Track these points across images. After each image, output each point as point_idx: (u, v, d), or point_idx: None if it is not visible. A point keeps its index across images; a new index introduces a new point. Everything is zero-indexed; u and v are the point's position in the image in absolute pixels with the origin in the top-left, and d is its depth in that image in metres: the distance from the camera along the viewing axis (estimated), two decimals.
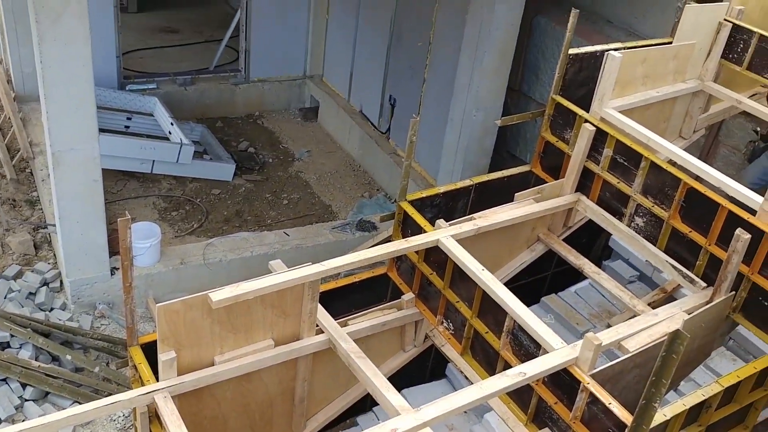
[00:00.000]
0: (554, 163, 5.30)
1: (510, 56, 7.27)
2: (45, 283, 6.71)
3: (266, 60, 10.38)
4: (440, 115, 8.01)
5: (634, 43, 5.38)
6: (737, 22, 5.34)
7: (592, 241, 6.30)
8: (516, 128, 8.07)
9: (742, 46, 5.34)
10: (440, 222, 4.57)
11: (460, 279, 4.40)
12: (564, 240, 5.32)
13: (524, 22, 7.44)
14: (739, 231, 3.87)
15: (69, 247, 6.31)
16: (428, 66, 8.39)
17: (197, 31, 11.94)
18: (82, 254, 6.37)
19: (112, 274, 6.62)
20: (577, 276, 5.40)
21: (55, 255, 7.08)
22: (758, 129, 6.01)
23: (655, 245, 4.60)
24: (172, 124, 8.64)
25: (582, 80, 5.24)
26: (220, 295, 3.42)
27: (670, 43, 5.29)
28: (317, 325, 3.99)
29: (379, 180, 9.26)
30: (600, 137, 4.87)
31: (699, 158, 6.30)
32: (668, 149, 4.69)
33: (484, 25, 7.06)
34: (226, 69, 10.45)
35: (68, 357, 5.95)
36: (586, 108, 5.05)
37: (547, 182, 5.23)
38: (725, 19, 5.38)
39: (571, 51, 5.08)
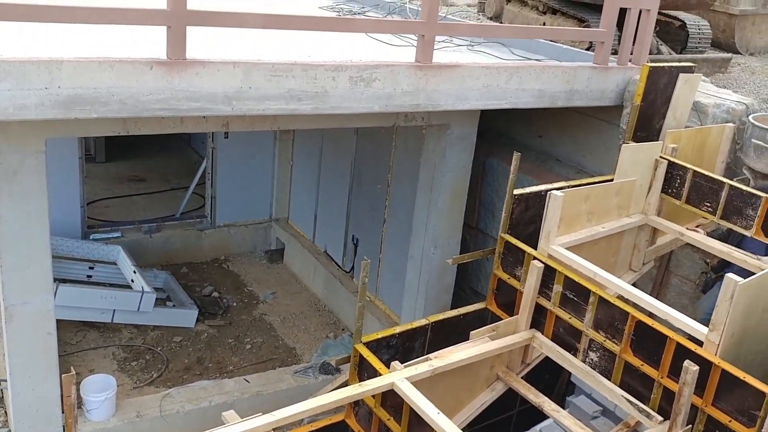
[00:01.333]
0: (508, 300, 5.35)
1: (463, 196, 7.50)
2: None
3: (232, 205, 10.58)
4: (401, 254, 8.13)
5: (578, 181, 5.60)
6: (672, 159, 5.61)
7: (555, 377, 6.25)
8: (476, 264, 8.19)
9: (679, 181, 5.58)
10: (395, 364, 4.53)
11: (418, 424, 4.31)
12: (526, 376, 5.27)
13: (478, 163, 7.74)
14: (687, 363, 3.88)
15: (19, 404, 6.10)
16: (388, 207, 8.60)
17: (164, 179, 12.20)
18: (33, 411, 6.15)
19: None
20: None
21: (6, 412, 6.82)
22: (708, 260, 6.16)
23: (609, 380, 4.58)
24: (134, 272, 8.64)
25: (529, 218, 5.39)
26: None
27: (612, 180, 5.51)
28: None
29: (344, 319, 9.23)
30: (549, 274, 4.95)
31: (652, 289, 6.48)
32: (615, 284, 4.77)
33: (437, 169, 7.34)
34: (192, 215, 10.61)
35: None
36: (536, 245, 5.18)
37: (502, 319, 5.26)
38: (661, 157, 5.65)
39: (516, 191, 5.27)
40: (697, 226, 6.03)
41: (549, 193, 5.03)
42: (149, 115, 4.67)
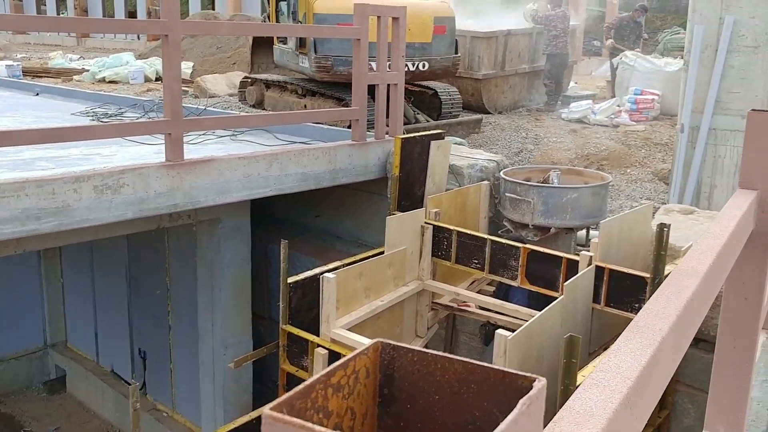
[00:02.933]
0: None
1: (247, 290, 7.24)
2: None
3: None
4: (192, 360, 7.63)
5: (351, 259, 5.57)
6: (436, 223, 5.78)
7: None
8: (273, 355, 7.88)
9: (446, 243, 5.74)
10: None
11: None
12: None
13: (260, 251, 7.53)
14: None
15: None
16: (171, 312, 8.09)
17: None
18: None
19: None
20: None
21: None
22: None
23: None
24: None
25: (308, 305, 5.25)
26: None
27: (383, 252, 5.54)
28: None
29: None
30: (335, 359, 4.80)
31: (444, 350, 6.56)
32: None
33: (214, 265, 7.03)
34: None
35: None
36: (319, 331, 5.02)
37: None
38: (426, 222, 5.79)
39: (291, 279, 5.11)
40: (472, 283, 6.23)
41: (321, 276, 4.92)
42: None
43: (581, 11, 19.18)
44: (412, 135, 6.28)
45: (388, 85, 7.00)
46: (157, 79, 14.09)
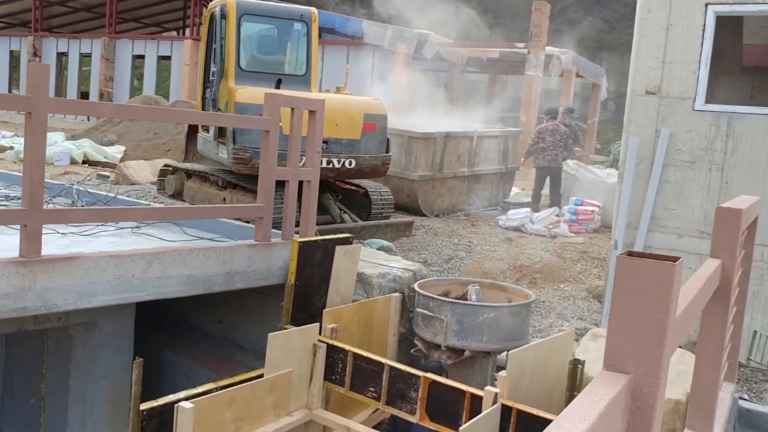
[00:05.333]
0: None
1: (125, 404, 6.31)
2: None
3: None
4: None
5: (226, 381, 4.78)
6: (331, 342, 5.05)
7: None
8: None
9: (341, 366, 5.00)
10: None
11: None
12: None
13: (152, 360, 6.67)
14: None
15: None
16: (44, 426, 7.07)
17: None
18: None
19: None
20: None
21: None
22: None
23: None
24: None
25: None
26: None
27: (262, 375, 4.77)
28: None
29: None
30: None
31: None
32: None
33: (89, 375, 6.15)
34: None
35: None
36: None
37: None
38: (320, 340, 5.06)
39: (144, 405, 4.30)
40: (374, 411, 5.46)
41: (176, 406, 4.11)
42: None
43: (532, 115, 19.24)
44: (313, 238, 5.63)
45: (301, 182, 6.42)
46: (84, 162, 13.39)
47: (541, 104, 19.48)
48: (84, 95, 27.91)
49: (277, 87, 8.15)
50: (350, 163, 8.26)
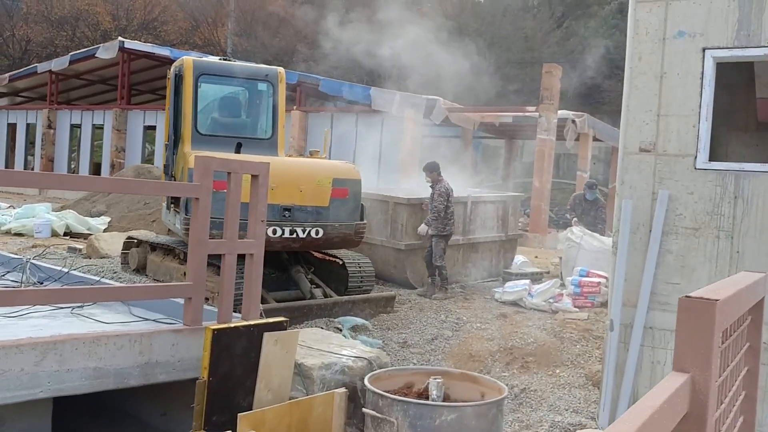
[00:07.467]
0: None
1: None
2: None
3: None
4: None
5: None
6: None
7: None
8: None
9: None
10: None
11: None
12: None
13: None
14: None
15: None
16: None
17: None
18: None
19: None
20: None
21: None
22: None
23: None
24: None
25: None
26: None
27: None
28: None
29: None
30: None
31: None
32: None
33: None
34: None
35: None
36: None
37: None
38: None
39: None
40: None
41: None
42: None
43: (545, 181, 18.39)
44: (232, 324, 4.77)
45: (241, 255, 5.63)
46: (65, 234, 12.78)
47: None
48: (96, 166, 27.77)
49: (237, 151, 7.46)
50: (317, 233, 7.46)
